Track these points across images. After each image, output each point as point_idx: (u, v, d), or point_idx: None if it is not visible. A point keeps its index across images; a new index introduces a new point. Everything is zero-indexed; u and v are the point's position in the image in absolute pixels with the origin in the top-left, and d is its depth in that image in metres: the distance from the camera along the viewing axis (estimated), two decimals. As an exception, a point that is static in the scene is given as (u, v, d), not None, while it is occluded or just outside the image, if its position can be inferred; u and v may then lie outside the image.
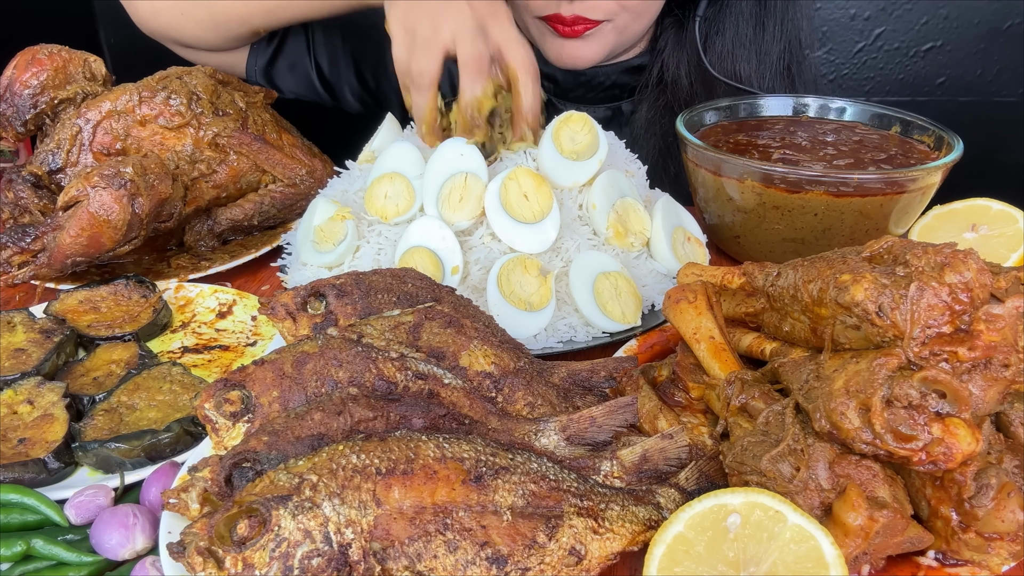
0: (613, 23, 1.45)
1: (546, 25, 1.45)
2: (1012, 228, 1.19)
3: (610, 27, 1.45)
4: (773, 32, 1.56)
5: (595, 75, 1.60)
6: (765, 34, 1.56)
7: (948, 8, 2.39)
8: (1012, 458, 0.69)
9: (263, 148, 1.36)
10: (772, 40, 1.56)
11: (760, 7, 1.55)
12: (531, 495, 0.67)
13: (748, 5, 1.54)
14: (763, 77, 1.57)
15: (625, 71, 1.62)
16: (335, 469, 0.64)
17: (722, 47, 1.55)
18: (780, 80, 1.59)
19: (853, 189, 1.12)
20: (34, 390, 0.94)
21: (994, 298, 0.69)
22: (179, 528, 0.71)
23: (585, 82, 1.62)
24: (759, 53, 1.56)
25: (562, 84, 1.62)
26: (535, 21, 1.48)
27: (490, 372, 0.83)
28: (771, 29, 1.56)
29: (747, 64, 1.56)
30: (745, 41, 1.56)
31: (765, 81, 1.56)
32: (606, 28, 1.45)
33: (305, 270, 1.17)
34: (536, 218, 1.10)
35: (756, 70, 1.57)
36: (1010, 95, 2.46)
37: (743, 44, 1.56)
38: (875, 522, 0.64)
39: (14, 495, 0.81)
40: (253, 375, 0.77)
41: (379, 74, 1.70)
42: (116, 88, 1.30)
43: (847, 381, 0.69)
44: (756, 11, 1.55)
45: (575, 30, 1.42)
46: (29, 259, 1.14)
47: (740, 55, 1.56)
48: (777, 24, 1.56)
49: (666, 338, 1.05)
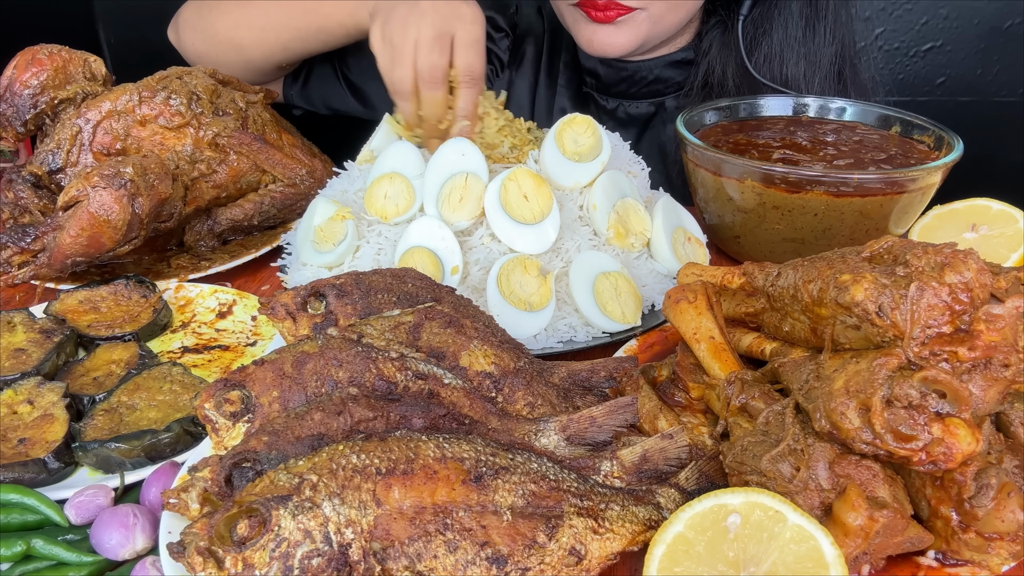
0: (647, 12, 1.43)
1: (579, 11, 1.44)
2: (1012, 228, 1.19)
3: (644, 16, 1.43)
4: (824, 34, 1.51)
5: (637, 69, 1.58)
6: (816, 36, 1.51)
7: (948, 8, 2.39)
8: (1012, 458, 0.69)
9: (263, 148, 1.36)
10: (823, 42, 1.51)
11: (809, 7, 1.50)
12: (531, 495, 0.67)
13: (797, 5, 1.50)
14: (812, 81, 1.52)
15: (668, 65, 1.59)
16: (335, 469, 0.64)
17: (769, 49, 1.51)
18: (831, 84, 1.54)
19: (853, 189, 1.12)
20: (34, 390, 0.94)
21: (994, 298, 0.69)
22: (179, 528, 0.71)
23: (627, 77, 1.59)
24: (808, 56, 1.51)
25: (604, 79, 1.61)
26: (569, 7, 1.47)
27: (490, 372, 0.83)
28: (821, 31, 1.51)
29: (795, 67, 1.51)
30: (793, 43, 1.51)
31: (815, 85, 1.52)
32: (639, 16, 1.43)
33: (305, 270, 1.17)
34: (536, 219, 1.10)
35: (805, 73, 1.52)
36: (1010, 95, 2.46)
37: (791, 46, 1.51)
38: (875, 522, 0.64)
39: (14, 495, 0.81)
40: (253, 375, 0.77)
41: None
42: (116, 88, 1.30)
43: (847, 381, 0.69)
44: (805, 11, 1.50)
45: (607, 15, 1.41)
46: (29, 259, 1.14)
47: (788, 58, 1.51)
48: (828, 25, 1.51)
49: (666, 338, 1.05)
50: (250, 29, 1.54)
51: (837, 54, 1.54)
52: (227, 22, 1.55)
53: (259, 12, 1.53)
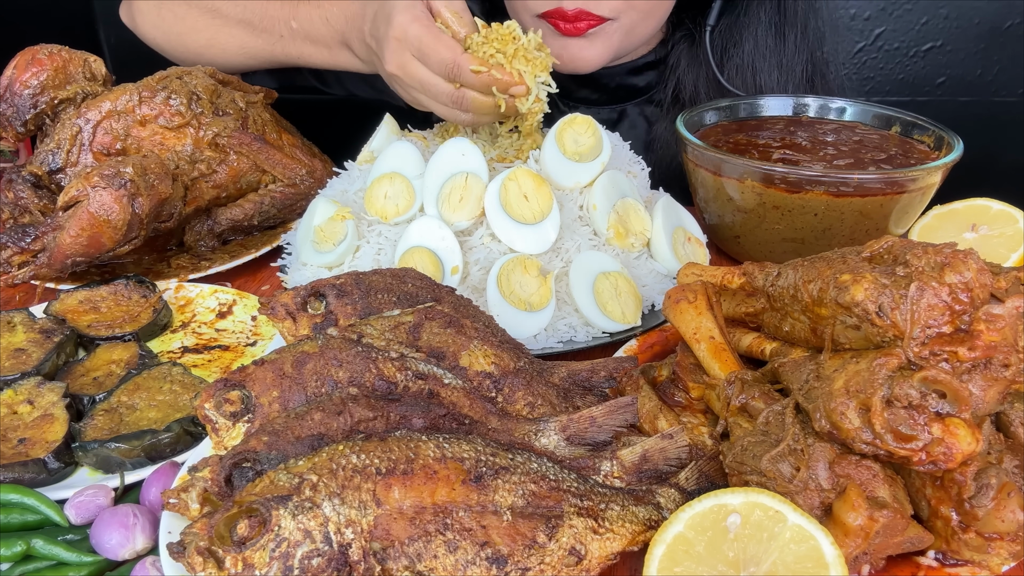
0: (619, 23, 1.37)
1: (546, 23, 1.38)
2: (1012, 228, 1.19)
3: (615, 27, 1.37)
4: (795, 42, 1.49)
5: (599, 77, 1.54)
6: (787, 44, 1.48)
7: (948, 8, 2.39)
8: (1012, 458, 0.69)
9: (263, 148, 1.36)
10: (794, 50, 1.49)
11: (778, 15, 1.47)
12: (531, 495, 0.67)
13: (766, 14, 1.47)
14: (786, 90, 1.49)
15: (630, 72, 1.57)
16: (335, 469, 0.64)
17: (740, 60, 1.48)
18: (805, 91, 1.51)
19: (853, 189, 1.12)
20: (34, 390, 0.94)
21: (994, 298, 0.69)
22: (179, 528, 0.71)
23: (590, 83, 1.57)
24: (781, 65, 1.49)
25: (565, 85, 1.60)
26: (534, 19, 1.41)
27: (490, 372, 0.83)
28: (792, 38, 1.48)
29: (769, 76, 1.49)
30: (765, 52, 1.48)
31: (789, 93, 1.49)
32: (611, 28, 1.37)
33: (305, 270, 1.17)
34: (536, 219, 1.10)
35: (779, 83, 1.49)
36: (1010, 95, 2.46)
37: (763, 56, 1.48)
38: (875, 522, 0.64)
39: (14, 495, 0.81)
40: (253, 375, 0.77)
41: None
42: (116, 88, 1.30)
43: (847, 381, 0.69)
44: (774, 19, 1.47)
45: (578, 27, 1.34)
46: (29, 259, 1.14)
47: (761, 67, 1.48)
48: (799, 32, 1.48)
49: (666, 338, 1.05)
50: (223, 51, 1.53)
51: (808, 61, 1.52)
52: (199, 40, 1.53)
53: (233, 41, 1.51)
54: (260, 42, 1.49)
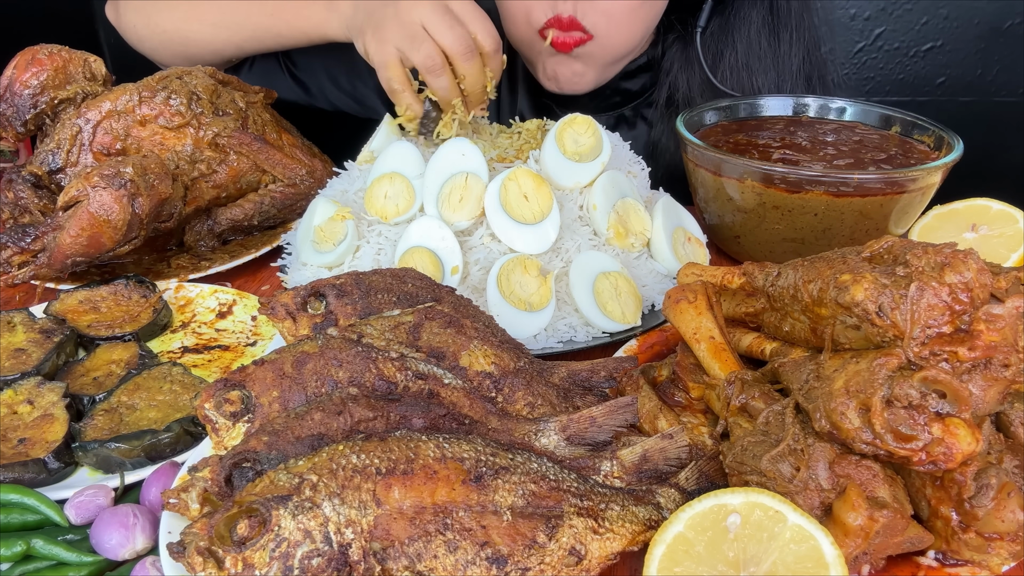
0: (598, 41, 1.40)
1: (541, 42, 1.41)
2: (1012, 228, 1.19)
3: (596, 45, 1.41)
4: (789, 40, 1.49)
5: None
6: (780, 43, 1.49)
7: (948, 8, 2.39)
8: (1012, 458, 0.69)
9: (263, 148, 1.36)
10: (789, 49, 1.49)
11: (770, 14, 1.47)
12: (531, 495, 0.67)
13: (758, 13, 1.47)
14: (783, 89, 1.50)
15: (624, 77, 1.59)
16: (335, 469, 0.64)
17: (735, 61, 1.49)
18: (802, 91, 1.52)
19: (853, 189, 1.12)
20: (34, 390, 0.94)
21: (994, 298, 0.69)
22: (179, 528, 0.71)
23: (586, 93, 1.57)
24: (776, 64, 1.49)
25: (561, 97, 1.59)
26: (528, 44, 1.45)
27: (490, 372, 0.83)
28: (786, 38, 1.49)
29: (765, 77, 1.49)
30: (759, 52, 1.49)
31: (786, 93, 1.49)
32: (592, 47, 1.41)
33: (305, 270, 1.17)
34: (536, 219, 1.10)
35: (776, 83, 1.50)
36: (1010, 95, 2.46)
37: (758, 56, 1.49)
38: (875, 522, 0.64)
39: (14, 495, 0.81)
40: (253, 375, 0.77)
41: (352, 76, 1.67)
42: (116, 88, 1.30)
43: (847, 381, 0.69)
44: (767, 19, 1.48)
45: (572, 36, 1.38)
46: (29, 259, 1.14)
47: (756, 68, 1.49)
48: (792, 31, 1.49)
49: (666, 338, 1.05)
50: (201, 24, 1.51)
51: (804, 60, 1.52)
52: (176, 14, 1.53)
53: (213, 9, 1.50)
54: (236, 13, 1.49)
